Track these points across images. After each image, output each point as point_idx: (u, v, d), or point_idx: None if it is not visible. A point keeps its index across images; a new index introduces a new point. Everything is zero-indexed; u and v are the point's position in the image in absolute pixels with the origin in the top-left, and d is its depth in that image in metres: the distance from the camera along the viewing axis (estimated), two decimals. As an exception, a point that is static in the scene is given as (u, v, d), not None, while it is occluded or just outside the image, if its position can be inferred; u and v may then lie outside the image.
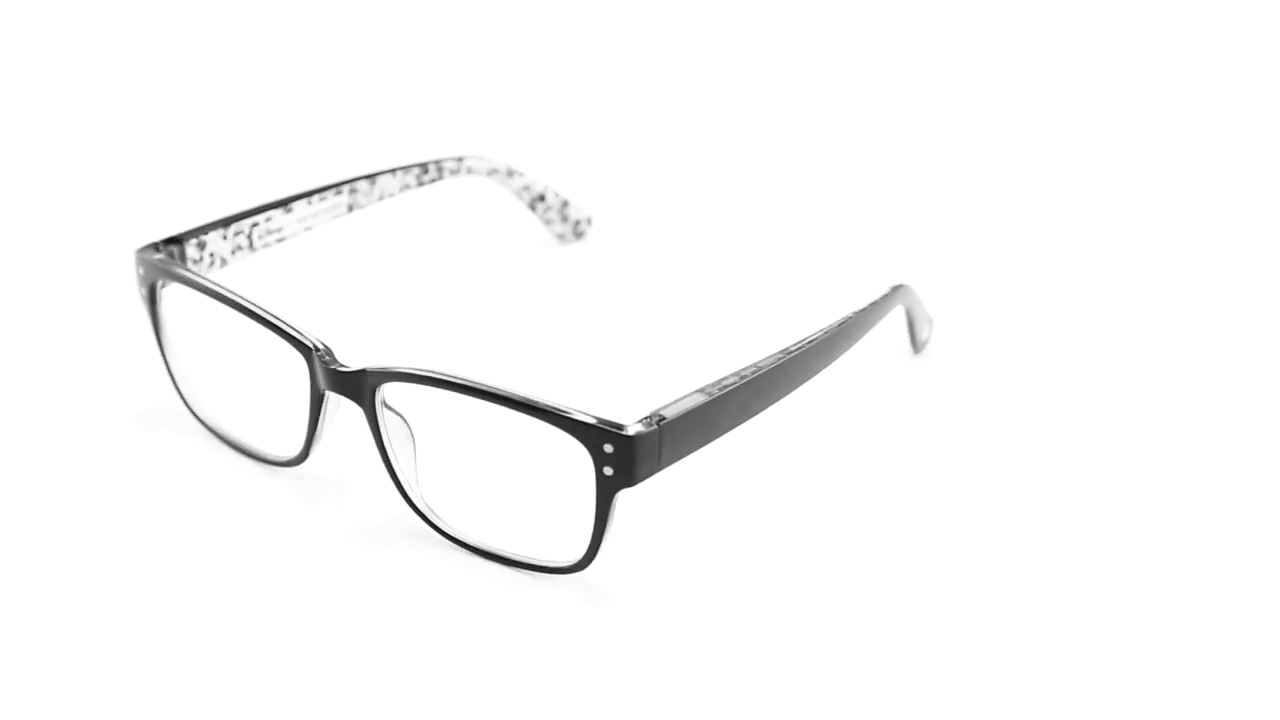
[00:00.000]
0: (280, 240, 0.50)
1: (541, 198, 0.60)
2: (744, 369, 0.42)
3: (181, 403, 0.47)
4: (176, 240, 0.47)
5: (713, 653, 0.38)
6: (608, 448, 0.38)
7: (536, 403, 0.39)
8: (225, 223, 0.48)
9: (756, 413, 0.42)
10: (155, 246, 0.46)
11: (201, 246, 0.47)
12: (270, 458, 0.45)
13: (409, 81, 0.82)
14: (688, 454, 0.40)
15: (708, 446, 0.41)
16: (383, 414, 0.41)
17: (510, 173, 0.59)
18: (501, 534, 0.42)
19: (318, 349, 0.42)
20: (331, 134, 0.76)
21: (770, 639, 0.39)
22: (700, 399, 0.40)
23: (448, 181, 0.56)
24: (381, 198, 0.54)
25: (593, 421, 0.38)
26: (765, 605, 0.40)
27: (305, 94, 0.81)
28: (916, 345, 0.53)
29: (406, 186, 0.55)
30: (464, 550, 0.42)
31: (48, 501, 0.43)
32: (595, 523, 0.39)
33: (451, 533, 0.42)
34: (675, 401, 0.40)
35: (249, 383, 0.48)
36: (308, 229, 0.51)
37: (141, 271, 0.46)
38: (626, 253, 0.61)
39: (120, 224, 0.62)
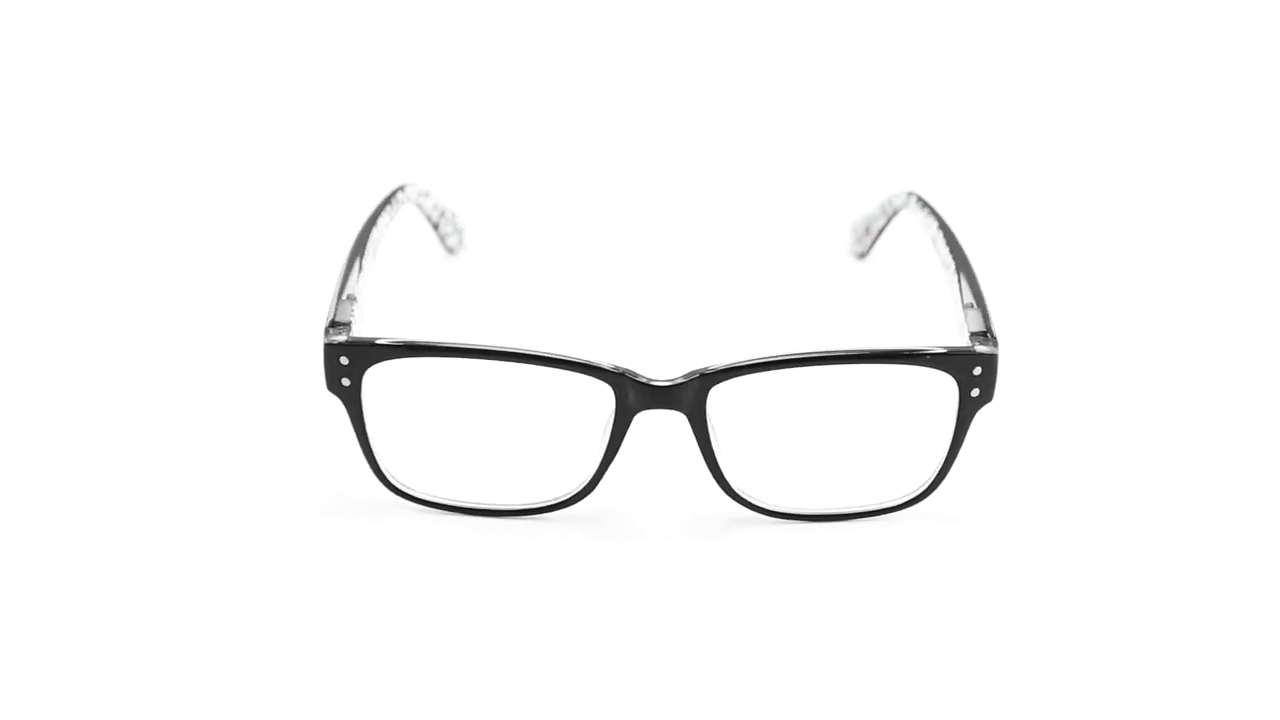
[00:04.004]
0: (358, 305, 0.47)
1: (444, 213, 0.59)
2: (961, 285, 0.46)
3: (385, 488, 0.44)
4: (341, 323, 0.44)
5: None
6: (977, 370, 0.42)
7: (895, 350, 0.42)
8: (348, 299, 0.45)
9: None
10: (330, 332, 0.43)
11: (349, 326, 0.44)
12: (537, 505, 0.44)
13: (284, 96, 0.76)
14: (989, 366, 0.44)
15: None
16: (711, 417, 0.42)
17: (426, 194, 0.58)
18: (827, 493, 0.44)
19: (626, 372, 0.42)
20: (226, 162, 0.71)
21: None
22: (980, 315, 0.44)
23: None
24: (379, 240, 0.52)
25: (957, 350, 0.41)
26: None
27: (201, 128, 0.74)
28: (869, 250, 0.59)
29: (385, 225, 0.53)
30: (797, 521, 0.43)
31: (337, 625, 0.39)
32: (952, 445, 0.43)
33: (786, 510, 0.43)
34: (969, 320, 0.43)
35: (474, 441, 0.46)
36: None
37: (346, 361, 0.42)
38: (513, 249, 0.62)
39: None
